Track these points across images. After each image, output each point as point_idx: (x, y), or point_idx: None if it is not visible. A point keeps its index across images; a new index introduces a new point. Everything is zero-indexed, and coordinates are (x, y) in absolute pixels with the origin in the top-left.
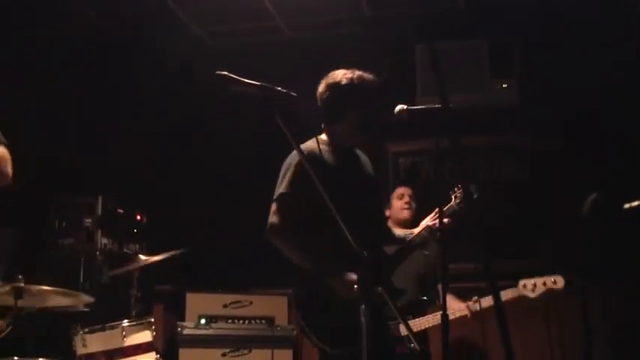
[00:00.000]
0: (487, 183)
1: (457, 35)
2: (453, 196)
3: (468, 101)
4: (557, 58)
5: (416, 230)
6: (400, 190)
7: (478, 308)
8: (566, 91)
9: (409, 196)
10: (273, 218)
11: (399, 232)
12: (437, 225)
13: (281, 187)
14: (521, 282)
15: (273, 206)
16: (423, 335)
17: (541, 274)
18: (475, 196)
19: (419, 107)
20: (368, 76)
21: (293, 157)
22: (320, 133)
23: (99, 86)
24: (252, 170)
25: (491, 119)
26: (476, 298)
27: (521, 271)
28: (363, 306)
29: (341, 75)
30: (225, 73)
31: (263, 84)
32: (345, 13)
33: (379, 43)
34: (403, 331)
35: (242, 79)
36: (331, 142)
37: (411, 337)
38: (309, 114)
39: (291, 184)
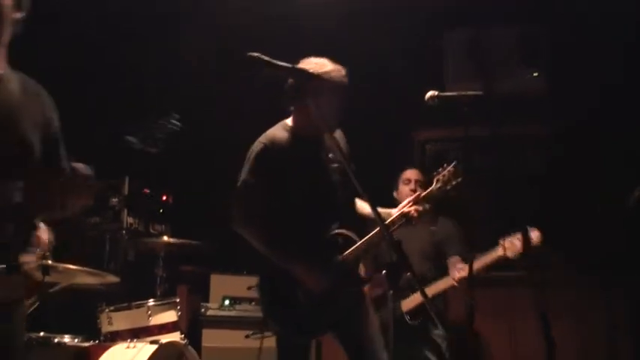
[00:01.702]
0: (511, 173)
1: (487, 22)
2: (434, 179)
3: (497, 89)
4: (586, 46)
5: (393, 212)
6: (407, 174)
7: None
8: (595, 80)
9: (416, 181)
10: (236, 207)
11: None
12: (412, 212)
13: (242, 174)
14: (501, 242)
15: (236, 195)
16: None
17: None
18: (458, 181)
19: (450, 94)
20: (338, 69)
21: (256, 143)
22: (286, 118)
23: (126, 65)
24: None
25: (518, 108)
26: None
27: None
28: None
29: (311, 63)
30: (258, 54)
31: (294, 66)
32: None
33: (408, 29)
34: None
35: (274, 61)
36: (293, 127)
37: (436, 320)
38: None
39: (253, 171)
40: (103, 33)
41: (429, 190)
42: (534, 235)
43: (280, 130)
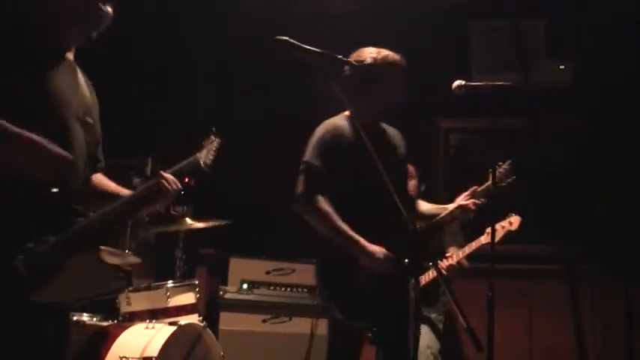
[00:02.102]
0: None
1: (513, 13)
2: (490, 175)
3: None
4: (613, 40)
5: (450, 207)
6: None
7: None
8: (621, 74)
9: (413, 176)
10: (299, 187)
11: (429, 207)
12: (470, 205)
13: (306, 156)
14: (487, 229)
15: (299, 177)
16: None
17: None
18: (513, 179)
19: (478, 84)
20: (394, 57)
21: (320, 129)
22: (345, 110)
23: (151, 50)
24: (301, 138)
25: (545, 100)
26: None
27: (568, 256)
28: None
29: (367, 53)
30: (286, 38)
31: (323, 51)
32: None
33: (433, 19)
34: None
35: (302, 44)
36: (354, 119)
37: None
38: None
39: (315, 154)
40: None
41: (485, 185)
42: (514, 220)
43: (341, 119)
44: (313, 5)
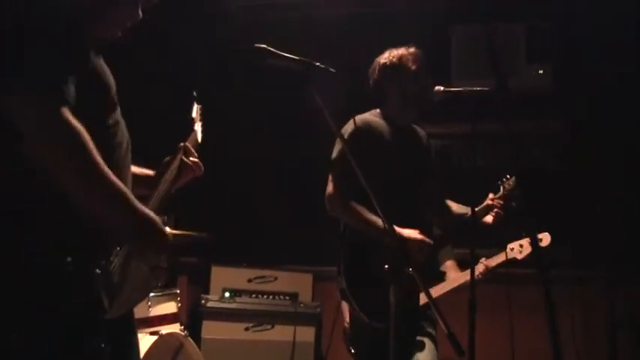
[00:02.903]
0: (519, 170)
1: (493, 18)
2: (501, 187)
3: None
4: (593, 43)
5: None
6: None
7: (490, 267)
8: (602, 77)
9: None
10: (328, 188)
11: (457, 207)
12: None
13: (334, 154)
14: (509, 245)
15: (330, 176)
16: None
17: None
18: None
19: (457, 89)
20: (406, 51)
21: (349, 125)
22: (375, 108)
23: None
24: (280, 146)
25: (524, 104)
26: (483, 259)
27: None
28: (393, 286)
29: (384, 56)
30: (264, 46)
31: (302, 58)
32: None
33: (414, 24)
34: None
35: (281, 52)
36: (384, 118)
37: (440, 320)
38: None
39: (344, 151)
40: None
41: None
42: (545, 237)
43: (371, 115)
44: (299, 9)
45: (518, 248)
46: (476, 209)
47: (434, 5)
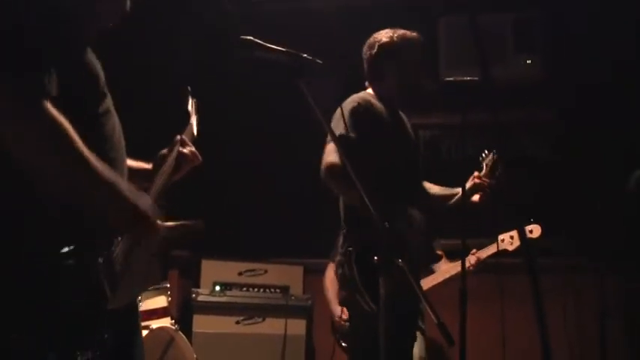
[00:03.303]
0: (509, 160)
1: (480, 8)
2: (484, 164)
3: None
4: (581, 32)
5: (458, 190)
6: None
7: (481, 258)
8: (591, 67)
9: None
10: (330, 157)
11: (438, 189)
12: (483, 183)
13: (338, 130)
14: (500, 236)
15: (329, 146)
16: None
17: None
18: (500, 171)
19: (446, 79)
20: (410, 35)
21: (349, 102)
22: (365, 89)
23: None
24: (270, 139)
25: (513, 94)
26: (474, 250)
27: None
28: (381, 278)
29: (383, 34)
30: (251, 38)
31: (289, 50)
32: None
33: (402, 15)
34: None
35: (267, 44)
36: (379, 99)
37: (430, 310)
38: (332, 83)
39: (351, 124)
40: None
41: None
42: (535, 229)
43: (365, 94)
44: (285, 1)
45: (509, 239)
46: (464, 190)
47: None
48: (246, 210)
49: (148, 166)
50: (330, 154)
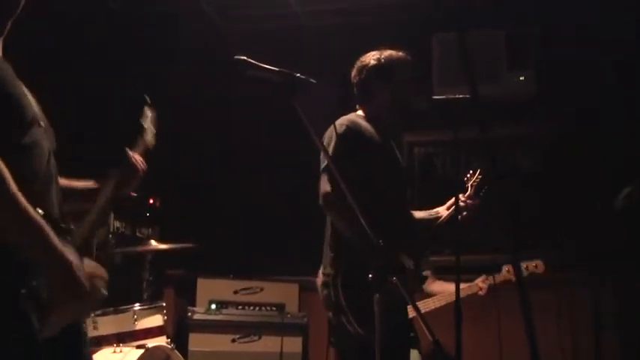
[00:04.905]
0: (503, 175)
1: (473, 25)
2: (469, 185)
3: (484, 92)
4: (573, 49)
5: (440, 210)
6: None
7: (493, 283)
8: (583, 83)
9: None
10: (326, 187)
11: (422, 214)
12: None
13: (331, 151)
14: (505, 267)
15: (324, 176)
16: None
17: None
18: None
19: (439, 97)
20: (397, 54)
21: (339, 125)
22: (355, 111)
23: (106, 65)
24: (265, 158)
25: (506, 111)
26: (484, 276)
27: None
28: (377, 295)
29: (370, 56)
30: (244, 57)
31: (282, 69)
32: (360, 1)
33: (394, 32)
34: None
35: (260, 64)
36: (369, 120)
37: (424, 326)
38: (326, 102)
39: (341, 150)
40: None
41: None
42: (539, 264)
43: (355, 117)
44: (277, 19)
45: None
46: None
47: (416, 13)
48: (242, 228)
49: (92, 184)
50: (325, 184)
